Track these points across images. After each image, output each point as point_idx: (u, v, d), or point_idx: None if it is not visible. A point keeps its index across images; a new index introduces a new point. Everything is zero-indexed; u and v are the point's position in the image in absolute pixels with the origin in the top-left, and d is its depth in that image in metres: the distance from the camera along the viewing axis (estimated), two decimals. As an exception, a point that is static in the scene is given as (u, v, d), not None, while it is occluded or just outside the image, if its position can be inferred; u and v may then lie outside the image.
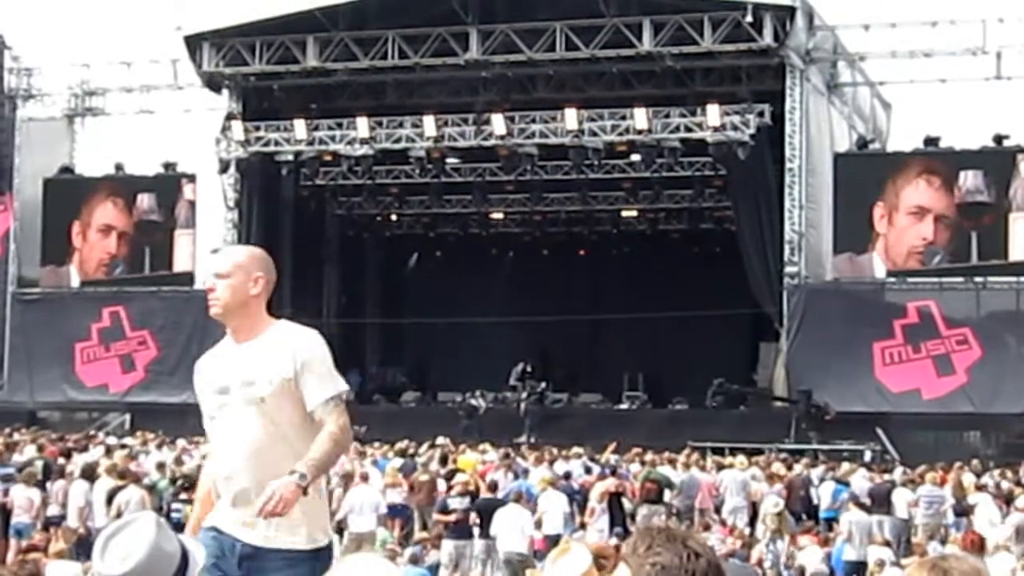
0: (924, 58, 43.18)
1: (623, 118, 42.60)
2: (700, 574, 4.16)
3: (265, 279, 7.27)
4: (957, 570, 4.33)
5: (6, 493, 25.67)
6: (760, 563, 22.35)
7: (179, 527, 20.09)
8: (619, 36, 42.17)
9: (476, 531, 24.05)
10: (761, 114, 41.51)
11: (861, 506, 26.41)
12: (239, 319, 7.01)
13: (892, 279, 42.16)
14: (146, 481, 25.45)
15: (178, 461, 31.20)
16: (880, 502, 28.73)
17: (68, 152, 51.56)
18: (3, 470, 27.32)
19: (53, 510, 25.40)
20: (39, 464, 28.18)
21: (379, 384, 51.15)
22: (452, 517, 24.44)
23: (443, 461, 31.56)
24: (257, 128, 45.53)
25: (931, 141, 42.92)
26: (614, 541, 21.04)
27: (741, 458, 32.79)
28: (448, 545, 24.26)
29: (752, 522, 28.85)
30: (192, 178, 48.79)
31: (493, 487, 25.83)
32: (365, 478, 26.99)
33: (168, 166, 49.42)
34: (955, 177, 41.38)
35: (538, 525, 24.59)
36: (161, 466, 28.83)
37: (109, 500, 23.58)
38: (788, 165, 42.25)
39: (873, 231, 41.86)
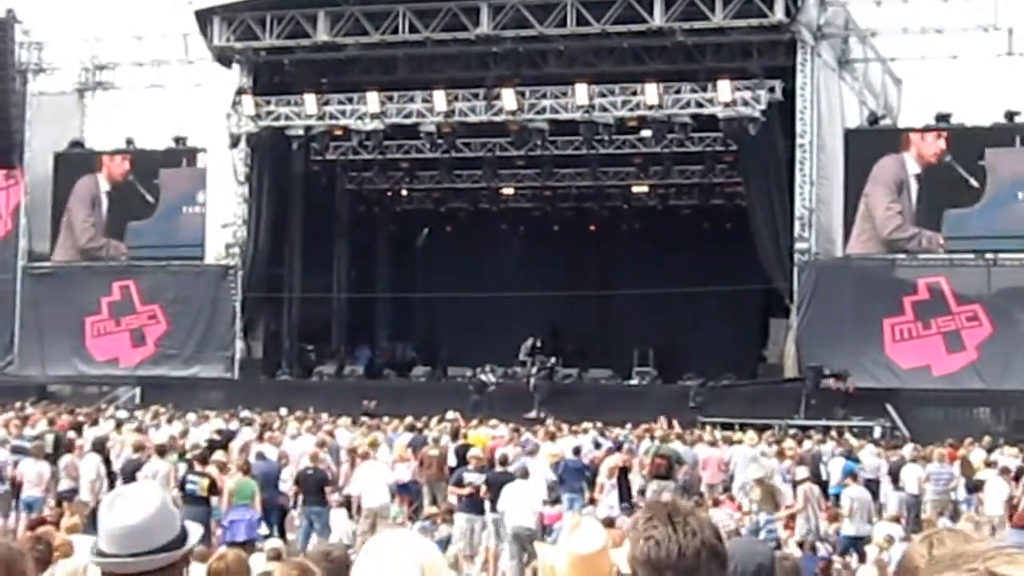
0: (935, 34, 43.04)
1: (634, 93, 42.54)
2: (691, 552, 4.17)
3: None
4: (951, 543, 4.36)
5: (16, 466, 25.77)
6: (738, 532, 22.32)
7: (194, 499, 20.00)
8: (630, 11, 42.07)
9: (488, 505, 24.08)
10: (772, 90, 41.43)
11: (860, 481, 26.56)
12: None
13: (902, 255, 42.09)
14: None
15: (184, 434, 31.34)
16: (893, 478, 28.86)
17: (79, 126, 51.59)
18: (16, 443, 27.43)
19: (65, 484, 25.47)
20: (49, 438, 28.26)
21: (389, 359, 51.23)
22: (466, 490, 24.48)
23: (454, 436, 31.62)
24: (268, 103, 45.51)
25: (942, 117, 42.81)
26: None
27: (751, 434, 32.82)
28: (461, 519, 24.31)
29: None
30: (203, 153, 48.82)
31: (504, 461, 25.86)
32: (367, 455, 27.04)
33: (178, 140, 49.41)
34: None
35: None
36: (172, 439, 28.92)
37: (131, 474, 23.66)
38: (799, 141, 42.17)
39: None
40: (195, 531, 4.77)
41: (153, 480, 22.43)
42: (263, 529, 23.05)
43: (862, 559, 22.99)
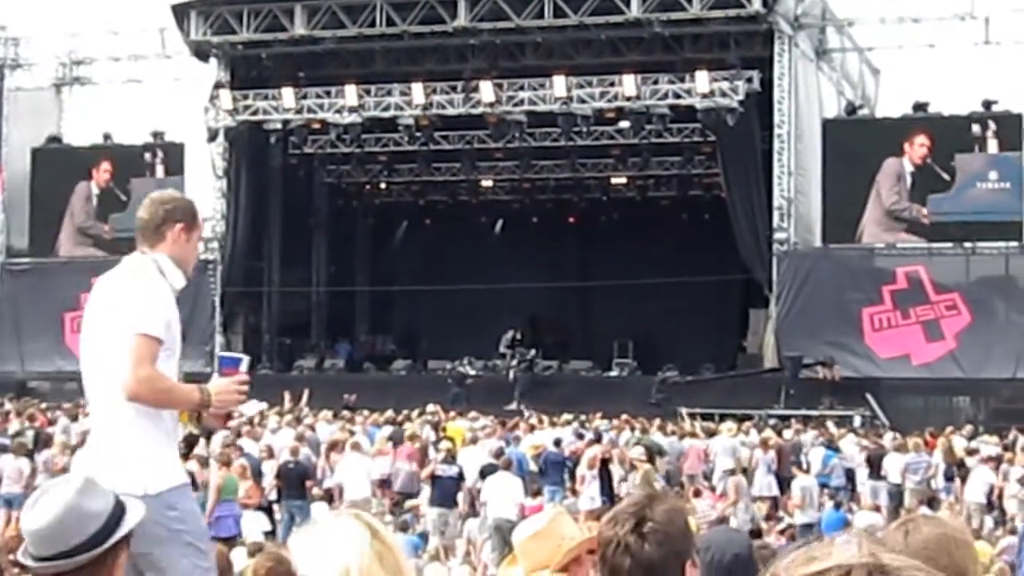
0: (912, 23, 43.18)
1: (612, 85, 42.55)
2: (605, 541, 4.31)
3: None
4: (927, 530, 4.38)
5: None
6: (720, 521, 22.40)
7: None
8: (607, 3, 42.04)
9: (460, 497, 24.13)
10: (750, 80, 41.47)
11: (805, 471, 26.96)
12: None
13: (881, 245, 42.18)
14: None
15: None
16: (871, 467, 28.97)
17: (56, 122, 51.42)
18: (-2, 439, 27.35)
19: (42, 479, 25.40)
20: (30, 434, 28.18)
21: (369, 352, 51.21)
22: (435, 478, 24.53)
23: (434, 429, 31.63)
24: (245, 97, 45.44)
25: (920, 106, 42.89)
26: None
27: (730, 424, 32.87)
28: (432, 512, 24.34)
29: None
30: (180, 147, 48.68)
31: (499, 453, 25.92)
32: (356, 446, 27.03)
33: (156, 135, 49.28)
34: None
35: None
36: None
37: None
38: (777, 131, 42.23)
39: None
40: (130, 517, 4.69)
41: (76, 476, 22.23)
42: (265, 524, 23.05)
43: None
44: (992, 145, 41.38)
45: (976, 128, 41.40)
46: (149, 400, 6.41)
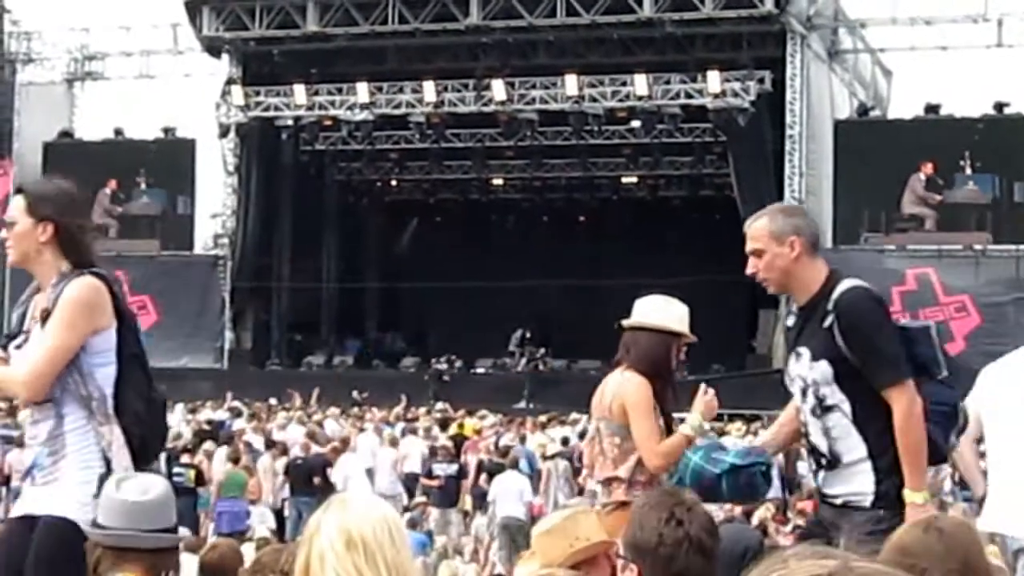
0: (925, 25, 43.14)
1: (623, 84, 42.55)
2: (674, 542, 4.20)
3: None
4: (949, 527, 4.40)
5: (4, 455, 25.71)
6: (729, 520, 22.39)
7: (182, 490, 19.92)
8: (620, 2, 42.03)
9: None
10: (762, 80, 41.47)
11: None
12: None
13: (891, 246, 42.15)
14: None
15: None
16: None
17: (68, 117, 51.50)
18: (4, 432, 27.35)
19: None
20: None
21: (378, 349, 51.18)
22: (436, 483, 24.52)
23: (443, 426, 31.64)
24: (257, 93, 45.49)
25: (932, 108, 42.85)
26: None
27: (739, 424, 32.85)
28: (434, 512, 24.37)
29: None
30: (191, 143, 48.73)
31: (505, 452, 25.94)
32: (346, 443, 27.10)
33: (168, 131, 49.36)
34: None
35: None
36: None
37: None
38: (788, 132, 42.21)
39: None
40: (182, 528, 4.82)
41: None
42: (271, 522, 23.10)
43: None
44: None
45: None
46: None
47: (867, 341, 6.33)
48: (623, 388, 8.09)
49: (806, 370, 6.49)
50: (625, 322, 8.74)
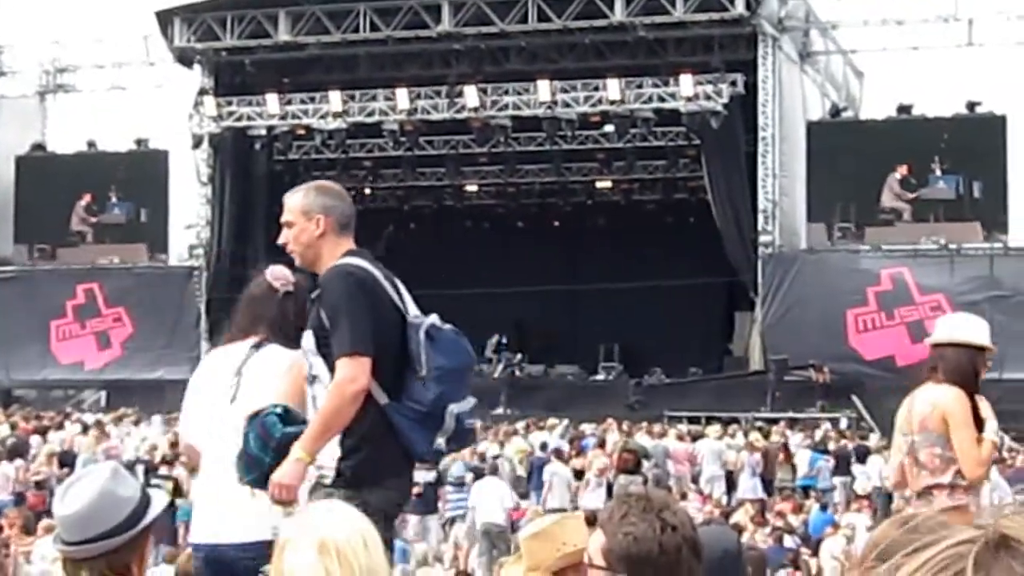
0: (896, 26, 43.27)
1: (596, 89, 42.61)
2: (673, 548, 4.15)
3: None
4: (926, 524, 4.39)
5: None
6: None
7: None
8: (591, 7, 42.10)
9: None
10: (734, 83, 41.56)
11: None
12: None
13: (866, 246, 42.23)
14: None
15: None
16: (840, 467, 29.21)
17: (40, 129, 51.34)
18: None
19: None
20: (10, 442, 28.16)
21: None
22: (414, 490, 24.47)
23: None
24: (229, 103, 45.45)
25: (904, 109, 42.96)
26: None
27: (716, 427, 32.92)
28: (413, 520, 24.34)
29: (729, 491, 29.07)
30: (164, 154, 48.63)
31: (484, 456, 25.96)
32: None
33: (140, 142, 49.24)
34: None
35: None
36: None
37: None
38: (761, 134, 42.31)
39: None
40: (156, 505, 4.80)
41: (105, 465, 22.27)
42: None
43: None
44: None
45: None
46: None
47: (331, 312, 6.75)
48: (943, 399, 8.63)
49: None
50: (933, 339, 9.25)
